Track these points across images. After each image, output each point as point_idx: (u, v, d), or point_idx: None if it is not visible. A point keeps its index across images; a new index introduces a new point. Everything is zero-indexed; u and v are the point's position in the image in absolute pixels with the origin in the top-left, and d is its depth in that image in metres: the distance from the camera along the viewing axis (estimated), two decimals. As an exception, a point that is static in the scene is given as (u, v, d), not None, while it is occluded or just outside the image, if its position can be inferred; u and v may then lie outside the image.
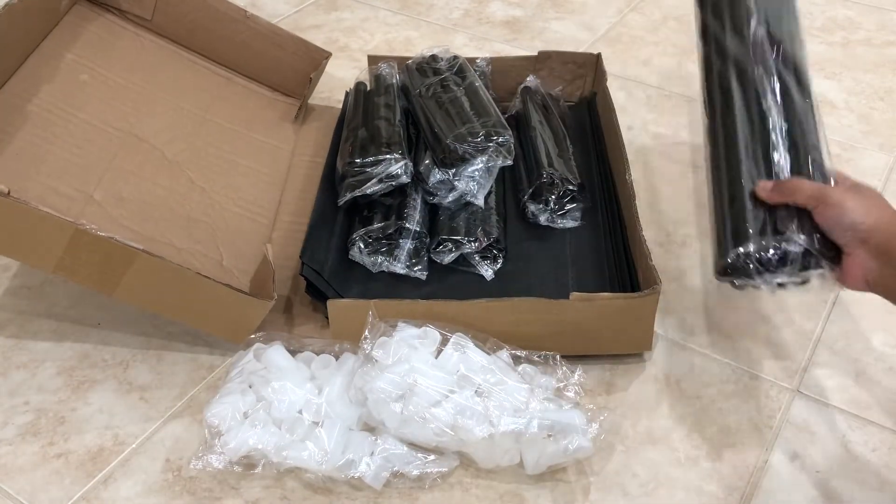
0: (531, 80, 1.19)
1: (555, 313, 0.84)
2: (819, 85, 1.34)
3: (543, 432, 0.76)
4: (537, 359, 0.83)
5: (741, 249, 0.71)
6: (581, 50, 1.43)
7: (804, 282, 0.73)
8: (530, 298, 0.84)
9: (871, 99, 1.31)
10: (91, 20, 1.08)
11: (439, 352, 0.82)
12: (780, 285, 0.73)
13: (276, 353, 0.84)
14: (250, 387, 0.81)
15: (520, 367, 0.83)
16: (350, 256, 0.96)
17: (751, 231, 0.72)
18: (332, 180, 1.02)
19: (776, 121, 0.78)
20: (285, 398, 0.79)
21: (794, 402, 0.85)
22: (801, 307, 0.95)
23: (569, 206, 1.01)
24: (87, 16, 1.08)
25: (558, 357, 0.83)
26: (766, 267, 0.71)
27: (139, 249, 0.80)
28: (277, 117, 1.17)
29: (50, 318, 0.95)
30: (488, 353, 0.82)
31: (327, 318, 0.88)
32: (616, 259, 0.95)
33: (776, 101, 0.79)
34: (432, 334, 0.83)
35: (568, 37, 1.48)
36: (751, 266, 0.71)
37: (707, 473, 0.79)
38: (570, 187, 1.01)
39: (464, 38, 1.47)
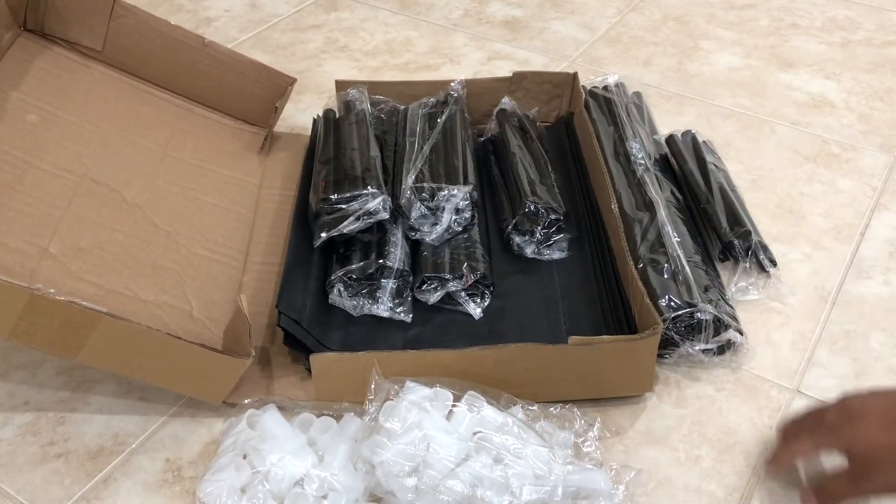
0: (506, 103, 1.13)
1: (553, 359, 0.80)
2: (819, 85, 1.34)
3: (568, 500, 0.71)
4: (553, 411, 0.78)
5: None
6: (581, 50, 1.43)
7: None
8: (528, 345, 0.79)
9: (871, 99, 1.31)
10: (37, 54, 1.00)
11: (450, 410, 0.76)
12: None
13: (271, 420, 0.79)
14: (244, 457, 0.76)
15: (537, 425, 0.76)
16: (330, 301, 0.90)
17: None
18: (304, 218, 0.96)
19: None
20: (283, 471, 0.73)
21: (794, 402, 0.85)
22: (802, 307, 0.95)
23: (555, 237, 0.96)
24: (31, 49, 1.00)
25: (576, 409, 0.78)
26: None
27: (102, 312, 0.74)
28: (242, 148, 1.09)
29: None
30: (502, 410, 0.76)
31: (308, 369, 0.81)
32: (609, 295, 0.90)
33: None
34: (444, 395, 0.76)
35: (568, 37, 1.47)
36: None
37: (707, 473, 0.79)
38: (556, 217, 0.95)
39: (464, 38, 1.47)
